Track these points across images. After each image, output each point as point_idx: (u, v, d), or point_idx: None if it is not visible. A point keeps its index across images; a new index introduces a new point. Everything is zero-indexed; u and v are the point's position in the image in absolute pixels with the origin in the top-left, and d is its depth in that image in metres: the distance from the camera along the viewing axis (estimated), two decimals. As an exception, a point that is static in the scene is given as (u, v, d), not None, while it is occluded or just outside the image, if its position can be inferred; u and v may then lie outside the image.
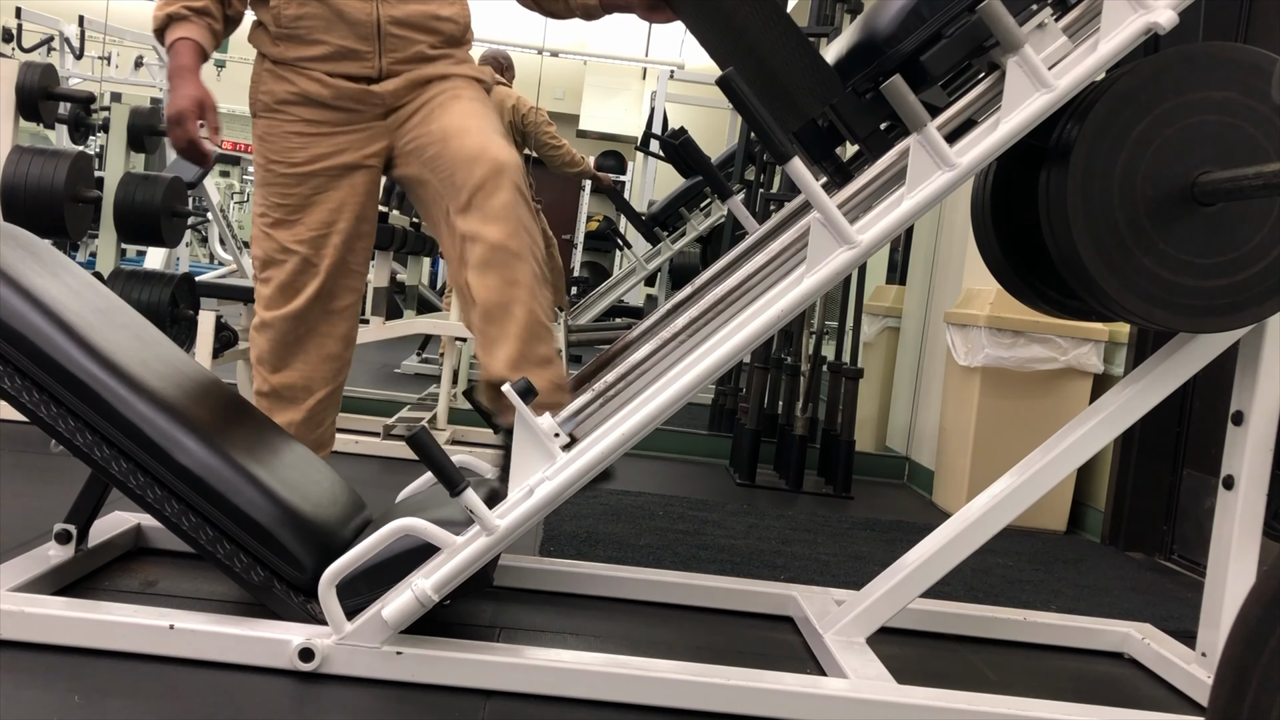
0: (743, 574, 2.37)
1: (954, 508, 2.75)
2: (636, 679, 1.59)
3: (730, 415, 4.58)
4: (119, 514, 2.08)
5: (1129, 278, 1.69)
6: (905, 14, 1.60)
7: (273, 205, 2.03)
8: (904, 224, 1.62)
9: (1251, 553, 1.82)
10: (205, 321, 3.43)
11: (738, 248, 2.02)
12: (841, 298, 4.03)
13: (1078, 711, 1.67)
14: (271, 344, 2.06)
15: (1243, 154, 1.68)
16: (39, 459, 2.72)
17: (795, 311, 1.61)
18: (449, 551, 1.56)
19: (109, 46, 7.28)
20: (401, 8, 1.98)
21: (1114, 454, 3.31)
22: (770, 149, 1.56)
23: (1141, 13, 1.60)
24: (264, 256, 2.05)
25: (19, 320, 1.62)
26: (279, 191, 2.02)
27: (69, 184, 3.38)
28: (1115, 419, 1.87)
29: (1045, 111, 1.61)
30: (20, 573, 1.70)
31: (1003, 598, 2.49)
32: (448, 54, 2.05)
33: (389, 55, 1.98)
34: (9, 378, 1.62)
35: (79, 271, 1.90)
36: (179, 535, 1.64)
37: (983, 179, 1.97)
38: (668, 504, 3.12)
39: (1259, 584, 0.97)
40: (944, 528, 1.89)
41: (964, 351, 3.56)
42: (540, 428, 1.57)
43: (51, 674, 1.47)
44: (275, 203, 2.03)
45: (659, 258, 6.39)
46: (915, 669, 1.81)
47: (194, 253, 9.61)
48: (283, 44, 1.99)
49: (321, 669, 1.55)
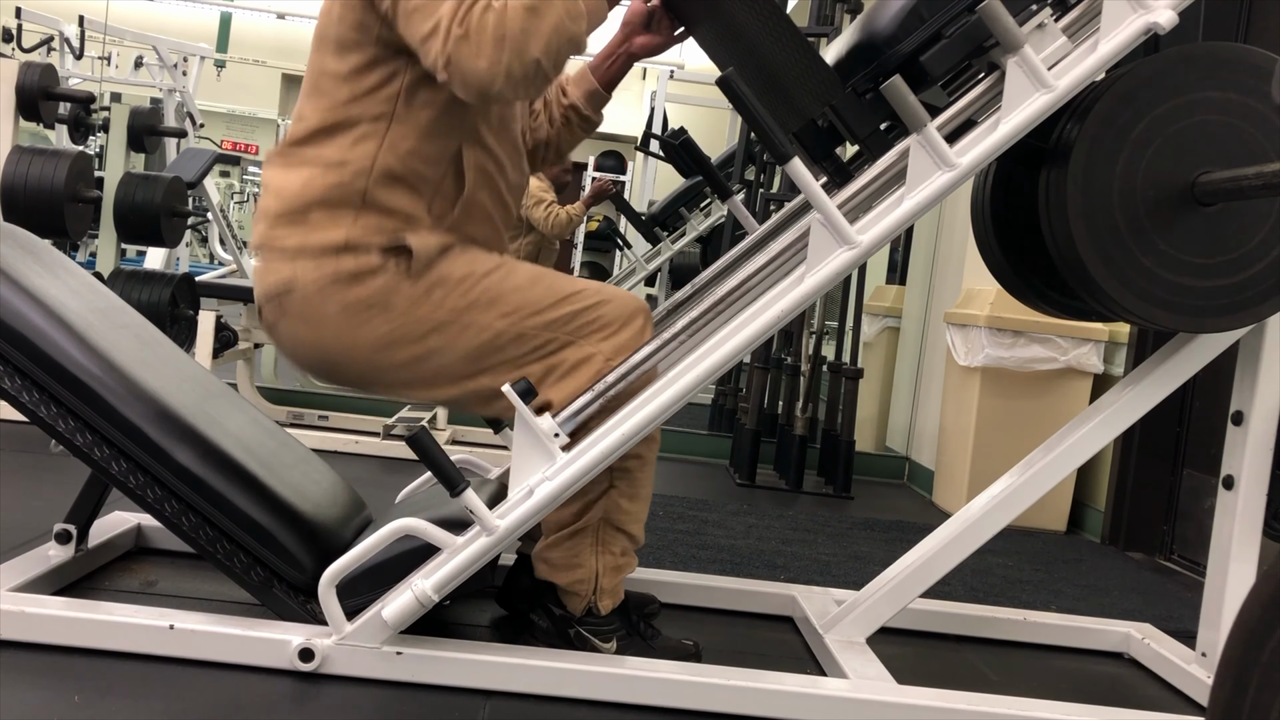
0: (743, 574, 2.37)
1: (954, 508, 2.75)
2: (636, 679, 1.59)
3: (730, 415, 4.59)
4: (119, 514, 2.08)
5: (1129, 278, 1.69)
6: (905, 14, 1.60)
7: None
8: (904, 224, 1.62)
9: (1251, 553, 1.82)
10: (205, 321, 3.43)
11: (738, 248, 2.02)
12: (841, 298, 4.03)
13: (1078, 711, 1.67)
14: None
15: (1243, 154, 1.68)
16: (39, 459, 2.72)
17: (795, 312, 1.61)
18: (449, 552, 1.56)
19: (109, 46, 7.28)
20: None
21: (1114, 454, 3.31)
22: (770, 149, 1.56)
23: (1141, 13, 1.60)
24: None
25: (19, 320, 1.62)
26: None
27: (69, 184, 3.38)
28: (1115, 419, 1.87)
29: (1045, 112, 1.61)
30: (20, 573, 1.71)
31: (1003, 598, 2.49)
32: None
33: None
34: (8, 377, 1.62)
35: (79, 271, 1.90)
36: (179, 535, 1.64)
37: (983, 179, 1.97)
38: (668, 504, 3.12)
39: (1259, 584, 0.97)
40: (944, 528, 1.89)
41: (964, 351, 3.56)
42: (540, 428, 1.57)
43: (51, 674, 1.47)
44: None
45: (659, 258, 6.39)
46: (915, 669, 1.81)
47: (194, 253, 9.62)
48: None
49: (321, 669, 1.55)
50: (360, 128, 1.63)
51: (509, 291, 1.66)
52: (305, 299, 1.63)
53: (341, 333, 1.64)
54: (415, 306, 1.63)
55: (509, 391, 1.55)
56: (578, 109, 1.92)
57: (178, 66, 7.32)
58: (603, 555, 1.71)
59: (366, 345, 1.64)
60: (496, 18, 1.51)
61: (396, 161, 1.63)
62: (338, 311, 1.63)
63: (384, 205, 1.64)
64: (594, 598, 1.71)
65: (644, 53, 1.86)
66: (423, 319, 1.63)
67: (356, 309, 1.62)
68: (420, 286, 1.63)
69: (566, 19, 1.54)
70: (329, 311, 1.63)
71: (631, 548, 1.76)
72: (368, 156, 1.63)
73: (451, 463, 1.52)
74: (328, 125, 1.64)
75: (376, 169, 1.63)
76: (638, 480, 1.72)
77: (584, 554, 1.70)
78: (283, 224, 1.65)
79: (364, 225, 1.63)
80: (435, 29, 1.52)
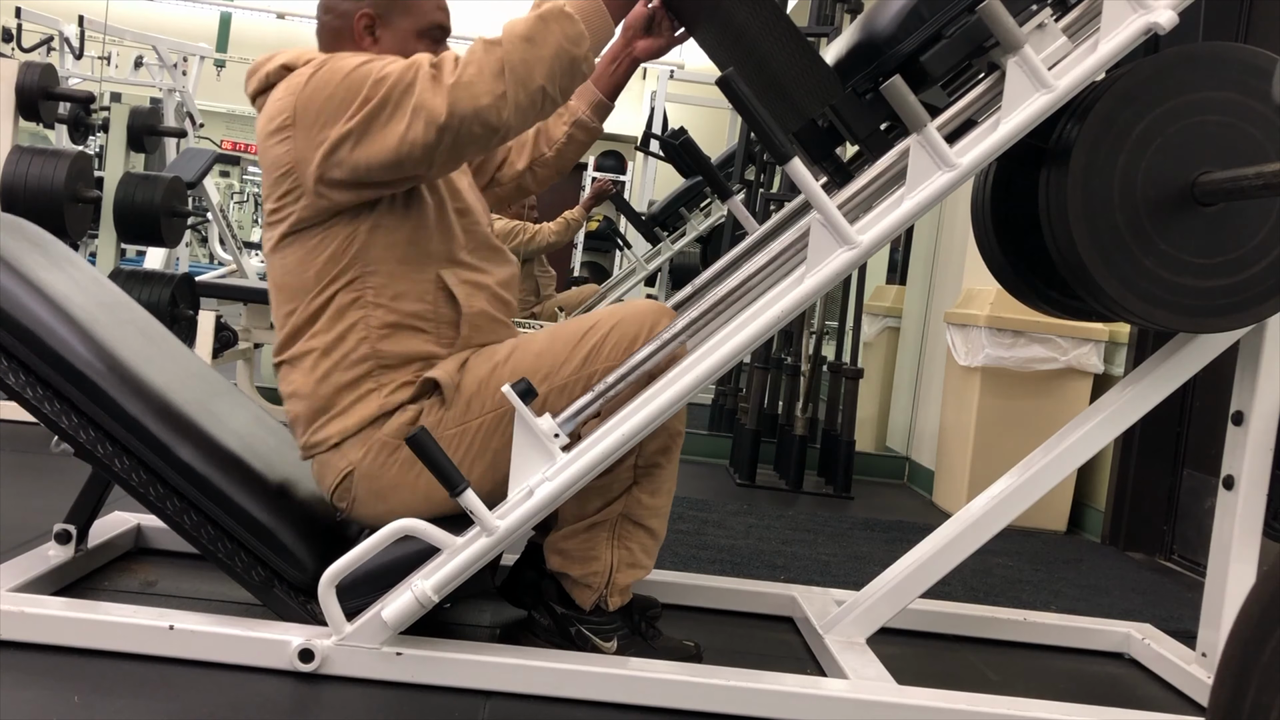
0: (743, 574, 2.37)
1: (954, 508, 2.75)
2: (636, 679, 1.59)
3: (730, 415, 4.59)
4: (119, 514, 2.08)
5: (1129, 278, 1.69)
6: (905, 14, 1.60)
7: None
8: (904, 224, 1.62)
9: (1251, 553, 1.82)
10: (205, 321, 3.43)
11: (738, 248, 2.02)
12: (841, 298, 4.03)
13: (1078, 711, 1.67)
14: None
15: (1243, 154, 1.68)
16: (39, 459, 2.72)
17: (795, 312, 1.61)
18: (449, 552, 1.55)
19: (109, 46, 7.27)
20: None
21: (1114, 454, 3.31)
22: (770, 149, 1.56)
23: (1141, 13, 1.60)
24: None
25: (24, 314, 1.62)
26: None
27: (69, 184, 3.38)
28: (1115, 419, 1.87)
29: (1045, 112, 1.61)
30: (20, 573, 1.70)
31: (1003, 598, 2.49)
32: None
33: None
34: (13, 373, 1.61)
35: (84, 265, 1.89)
36: (180, 533, 1.64)
37: (983, 179, 1.97)
38: (668, 504, 3.12)
39: (1259, 584, 0.97)
40: (944, 528, 1.89)
41: (964, 351, 3.56)
42: (540, 428, 1.57)
43: (51, 674, 1.47)
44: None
45: (659, 258, 6.38)
46: (915, 669, 1.81)
47: (194, 253, 9.62)
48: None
49: (321, 670, 1.55)
50: (337, 300, 1.64)
51: (533, 359, 1.66)
52: (366, 477, 1.65)
53: (413, 487, 1.64)
54: (464, 427, 1.64)
55: (508, 392, 1.55)
56: (583, 124, 1.91)
57: (177, 66, 7.32)
58: (619, 549, 1.71)
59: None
60: (487, 55, 1.50)
61: (387, 312, 1.65)
62: (398, 472, 1.64)
63: (396, 356, 1.65)
64: (605, 592, 1.70)
65: (646, 56, 1.86)
66: (476, 432, 1.64)
67: (412, 461, 1.60)
68: (459, 407, 1.65)
69: (566, 43, 1.53)
70: (391, 476, 1.64)
71: (653, 546, 1.75)
72: (358, 321, 1.64)
73: (451, 463, 1.52)
74: (310, 314, 1.66)
75: (373, 329, 1.64)
76: (660, 477, 1.72)
77: (600, 547, 1.70)
78: (319, 423, 1.67)
79: (389, 387, 1.64)
80: (414, 110, 1.51)
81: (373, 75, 1.55)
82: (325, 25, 1.74)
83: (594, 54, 1.58)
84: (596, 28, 1.58)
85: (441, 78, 1.52)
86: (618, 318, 1.68)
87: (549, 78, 1.53)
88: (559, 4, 1.55)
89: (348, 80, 1.56)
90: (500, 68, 1.51)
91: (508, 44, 1.52)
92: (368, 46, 1.71)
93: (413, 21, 1.73)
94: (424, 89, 1.52)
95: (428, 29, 1.74)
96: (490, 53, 1.52)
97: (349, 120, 1.55)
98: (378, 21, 1.71)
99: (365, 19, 1.71)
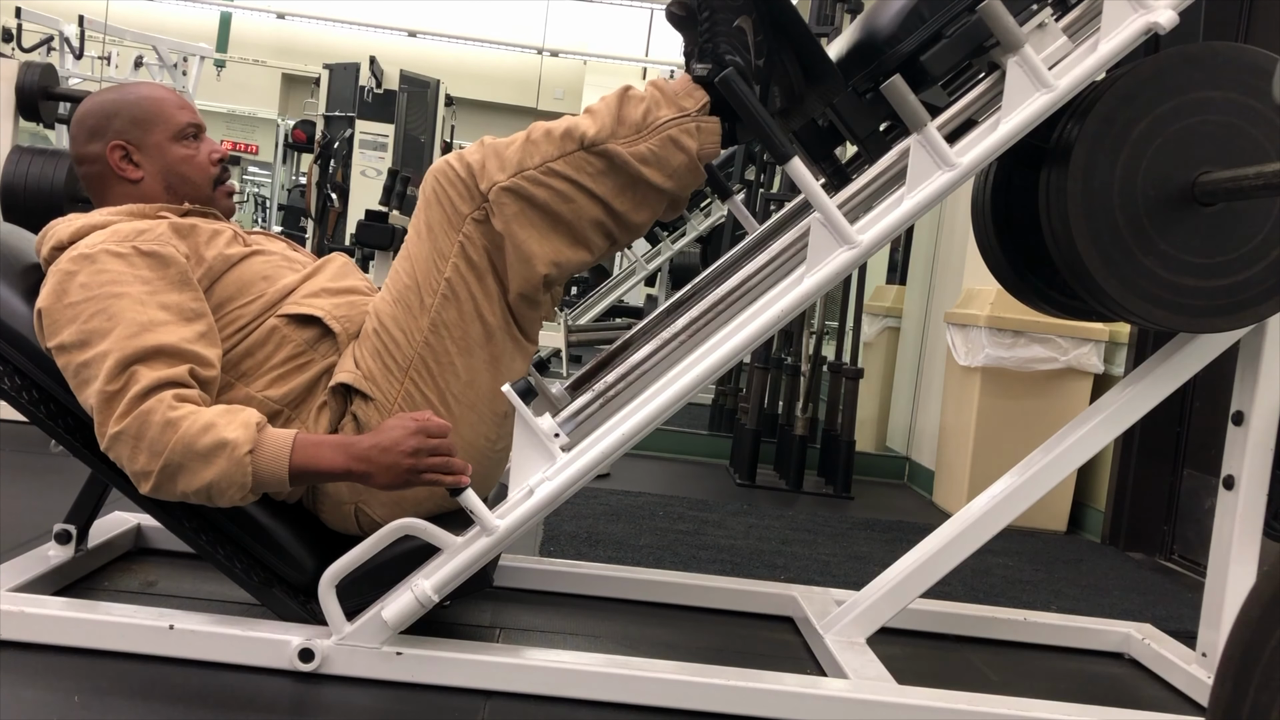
0: (743, 574, 2.37)
1: (954, 508, 2.76)
2: (636, 679, 1.59)
3: (730, 415, 4.59)
4: (119, 514, 2.08)
5: (1129, 278, 1.69)
6: (905, 14, 1.60)
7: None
8: (904, 224, 1.62)
9: (1251, 553, 1.82)
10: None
11: (738, 248, 2.01)
12: (841, 298, 4.03)
13: (1078, 711, 1.67)
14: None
15: (1243, 154, 1.68)
16: (39, 459, 2.72)
17: (795, 312, 1.61)
18: (449, 552, 1.56)
19: (109, 46, 7.27)
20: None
21: (1114, 454, 3.31)
22: (770, 149, 1.56)
23: (1141, 13, 1.60)
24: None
25: (18, 320, 1.62)
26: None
27: (69, 184, 3.38)
28: (1115, 419, 1.87)
29: (1045, 111, 1.61)
30: (20, 573, 1.70)
31: (1003, 598, 2.49)
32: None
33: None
34: (8, 377, 1.61)
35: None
36: (180, 535, 1.64)
37: (983, 179, 1.97)
38: (668, 504, 3.12)
39: (1259, 584, 0.97)
40: (944, 528, 1.89)
41: (964, 351, 3.56)
42: (540, 428, 1.57)
43: (51, 674, 1.47)
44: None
45: (659, 258, 6.39)
46: (915, 669, 1.81)
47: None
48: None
49: (321, 669, 1.55)
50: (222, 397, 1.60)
51: (391, 305, 1.64)
52: (374, 498, 1.63)
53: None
54: (404, 392, 1.61)
55: (508, 392, 1.55)
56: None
57: (177, 66, 7.33)
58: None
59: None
60: (165, 427, 1.44)
61: (265, 383, 1.62)
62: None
63: (297, 392, 1.63)
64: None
65: None
66: (415, 384, 1.62)
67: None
68: (383, 386, 1.61)
69: (224, 483, 1.45)
70: (345, 488, 1.63)
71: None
72: (247, 398, 1.61)
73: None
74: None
75: (260, 391, 1.62)
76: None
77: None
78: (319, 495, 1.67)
79: (311, 417, 1.63)
80: (108, 400, 1.46)
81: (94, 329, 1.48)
82: (87, 177, 1.71)
83: (256, 494, 1.50)
84: (268, 477, 1.47)
85: (115, 408, 1.45)
86: (423, 213, 1.63)
87: (195, 494, 1.47)
88: (250, 432, 1.46)
89: (70, 308, 1.51)
90: (161, 450, 1.44)
91: (184, 435, 1.43)
92: (136, 176, 1.69)
93: (162, 132, 1.70)
94: (108, 402, 1.46)
95: (179, 132, 1.71)
96: (165, 434, 1.43)
97: (68, 352, 1.51)
98: (130, 149, 1.69)
99: (118, 150, 1.68)
